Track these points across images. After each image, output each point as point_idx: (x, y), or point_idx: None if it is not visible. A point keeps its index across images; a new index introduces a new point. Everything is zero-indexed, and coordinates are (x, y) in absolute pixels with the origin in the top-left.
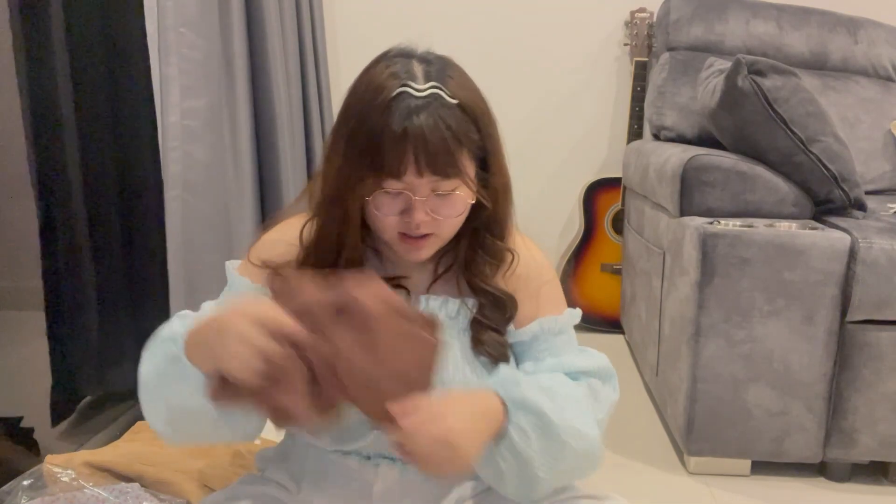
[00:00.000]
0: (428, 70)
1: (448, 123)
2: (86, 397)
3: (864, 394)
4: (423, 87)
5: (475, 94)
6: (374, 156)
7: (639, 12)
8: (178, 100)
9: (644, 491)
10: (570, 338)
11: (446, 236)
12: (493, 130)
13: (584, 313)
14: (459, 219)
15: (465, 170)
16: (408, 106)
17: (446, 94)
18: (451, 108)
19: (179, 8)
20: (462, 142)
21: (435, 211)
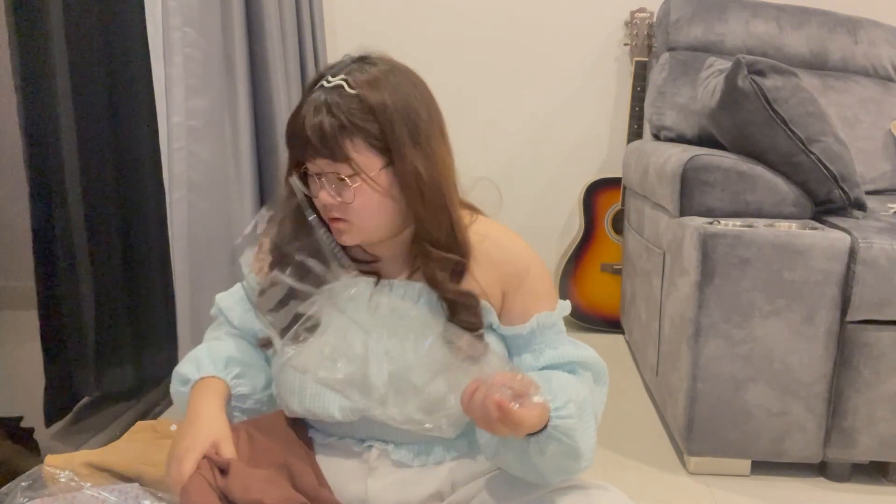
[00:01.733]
0: (352, 67)
1: (335, 111)
2: (83, 398)
3: (864, 394)
4: (332, 81)
5: (387, 92)
6: (289, 143)
7: (639, 12)
8: (182, 99)
9: (644, 491)
10: (562, 329)
11: (363, 225)
12: (399, 128)
13: (584, 313)
14: (364, 209)
15: (354, 156)
16: (315, 97)
17: (347, 87)
18: (348, 99)
19: (183, 7)
20: (349, 129)
21: (339, 195)
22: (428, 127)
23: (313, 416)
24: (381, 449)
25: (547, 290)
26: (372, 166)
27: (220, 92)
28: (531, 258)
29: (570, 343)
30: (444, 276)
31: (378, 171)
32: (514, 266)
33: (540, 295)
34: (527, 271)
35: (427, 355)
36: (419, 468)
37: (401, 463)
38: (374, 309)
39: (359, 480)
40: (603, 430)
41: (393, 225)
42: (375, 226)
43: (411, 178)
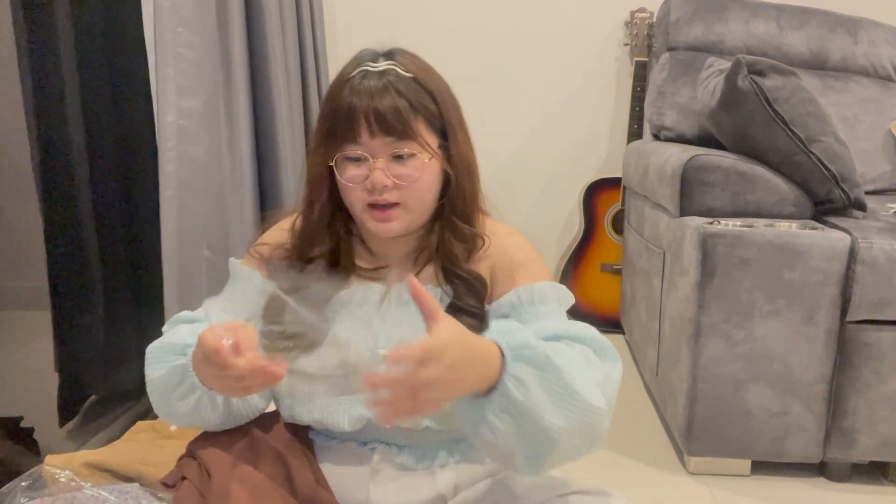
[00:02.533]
0: (387, 55)
1: (398, 88)
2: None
3: (864, 394)
4: (379, 65)
5: (432, 74)
6: (334, 125)
7: (639, 12)
8: (174, 99)
9: (644, 491)
10: (553, 309)
11: (414, 207)
12: (452, 107)
13: (584, 313)
14: (424, 187)
15: (421, 134)
16: (363, 79)
17: (401, 69)
18: (405, 80)
19: (176, 7)
20: (415, 107)
21: (396, 175)
22: (460, 111)
23: (322, 426)
24: (384, 452)
25: (535, 269)
26: (432, 145)
27: (215, 92)
28: (529, 253)
29: (560, 320)
30: (462, 252)
31: (435, 150)
32: (508, 255)
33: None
34: (515, 254)
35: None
36: (422, 471)
37: (404, 466)
38: (384, 315)
39: (361, 484)
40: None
41: (430, 212)
42: (422, 209)
43: (465, 156)
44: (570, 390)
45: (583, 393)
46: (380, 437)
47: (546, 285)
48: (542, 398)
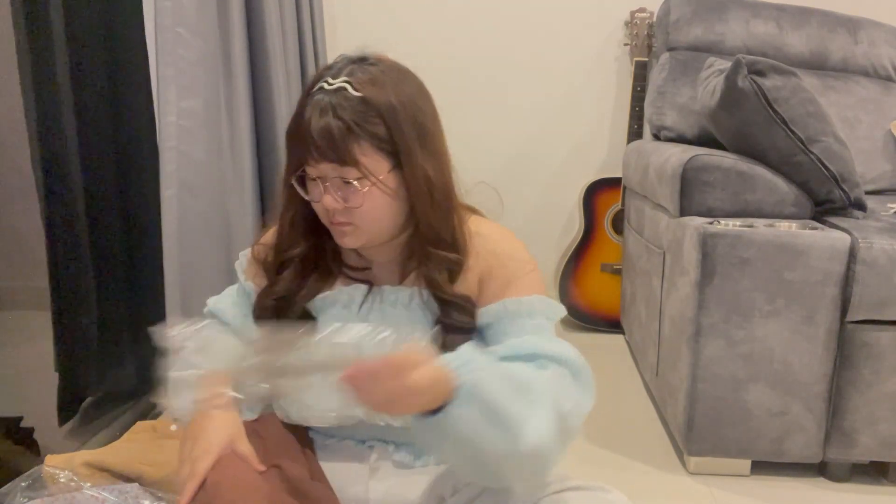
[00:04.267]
0: (352, 68)
1: (341, 114)
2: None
3: (864, 394)
4: (334, 82)
5: (392, 92)
6: (289, 144)
7: (639, 12)
8: (174, 99)
9: (644, 491)
10: (538, 324)
11: (368, 229)
12: (408, 127)
13: (584, 313)
14: (372, 213)
15: (362, 159)
16: (318, 99)
17: (351, 88)
18: (353, 101)
19: (176, 8)
20: (356, 132)
21: (345, 199)
22: (433, 126)
23: (308, 423)
24: (382, 450)
25: (528, 283)
26: (380, 169)
27: (216, 93)
28: (518, 255)
29: (542, 337)
30: (442, 277)
31: (385, 173)
32: (496, 257)
33: (517, 286)
34: (508, 263)
35: None
36: (420, 469)
37: (401, 464)
38: (366, 316)
39: (360, 481)
40: (603, 430)
41: (396, 227)
42: (380, 228)
43: (421, 179)
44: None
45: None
46: (377, 434)
47: (535, 299)
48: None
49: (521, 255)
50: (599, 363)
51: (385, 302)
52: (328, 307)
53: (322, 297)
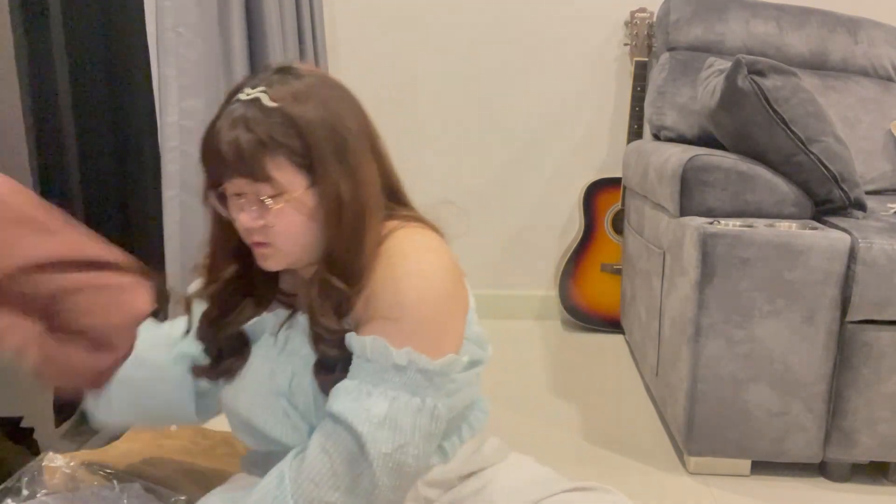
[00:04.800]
0: (273, 78)
1: (252, 126)
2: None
3: (864, 394)
4: (251, 93)
5: (312, 106)
6: (202, 160)
7: (639, 12)
8: (176, 99)
9: (644, 491)
10: (376, 371)
11: (286, 249)
12: (324, 144)
13: (584, 313)
14: (288, 232)
15: (276, 175)
16: (231, 109)
17: (267, 99)
18: (267, 113)
19: (178, 8)
20: (269, 145)
21: (262, 218)
22: (356, 143)
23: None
24: None
25: (400, 329)
26: (296, 185)
27: (217, 92)
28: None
29: (355, 390)
30: (325, 307)
31: (303, 190)
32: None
33: (385, 324)
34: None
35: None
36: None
37: None
38: (282, 344)
39: None
40: (603, 430)
41: (320, 248)
42: (300, 250)
43: (332, 198)
44: None
45: None
46: None
47: (370, 342)
48: None
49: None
50: (599, 363)
51: (297, 328)
52: (258, 333)
53: (254, 321)
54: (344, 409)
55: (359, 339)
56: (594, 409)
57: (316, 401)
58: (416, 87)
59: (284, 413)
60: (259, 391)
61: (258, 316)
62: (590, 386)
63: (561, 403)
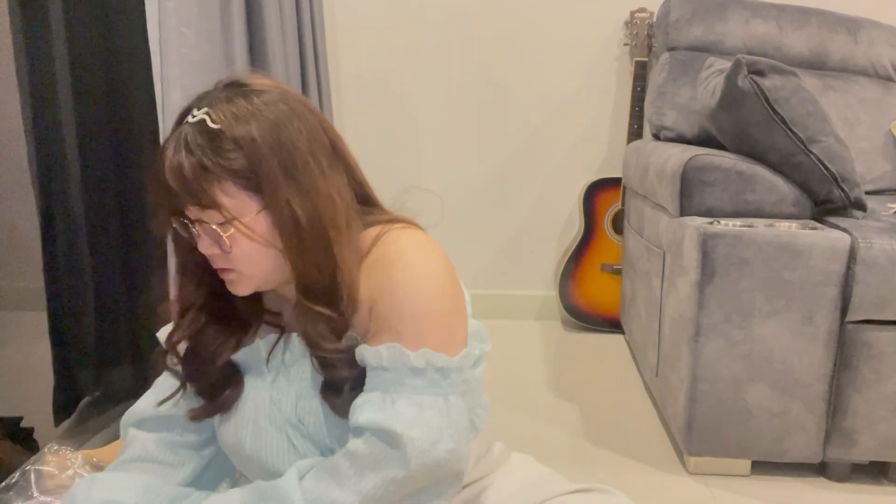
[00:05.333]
0: (219, 97)
1: (194, 150)
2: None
3: (864, 394)
4: (195, 115)
5: (255, 123)
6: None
7: (639, 12)
8: (179, 100)
9: (644, 491)
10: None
11: (249, 273)
12: (268, 163)
13: (584, 313)
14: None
15: (224, 200)
16: (177, 133)
17: (210, 121)
18: (210, 136)
19: (181, 8)
20: (213, 169)
21: (217, 245)
22: (307, 159)
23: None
24: None
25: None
26: (247, 210)
27: None
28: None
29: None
30: (319, 332)
31: (255, 214)
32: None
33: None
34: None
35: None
36: None
37: None
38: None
39: None
40: (603, 430)
41: (285, 270)
42: (264, 274)
43: (287, 220)
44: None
45: None
46: None
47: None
48: None
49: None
50: (599, 363)
51: (292, 352)
52: (251, 362)
53: (242, 351)
54: (374, 418)
55: (373, 350)
56: (594, 409)
57: (327, 420)
58: (416, 86)
59: (290, 443)
60: (260, 423)
61: (245, 343)
62: (590, 386)
63: (561, 403)
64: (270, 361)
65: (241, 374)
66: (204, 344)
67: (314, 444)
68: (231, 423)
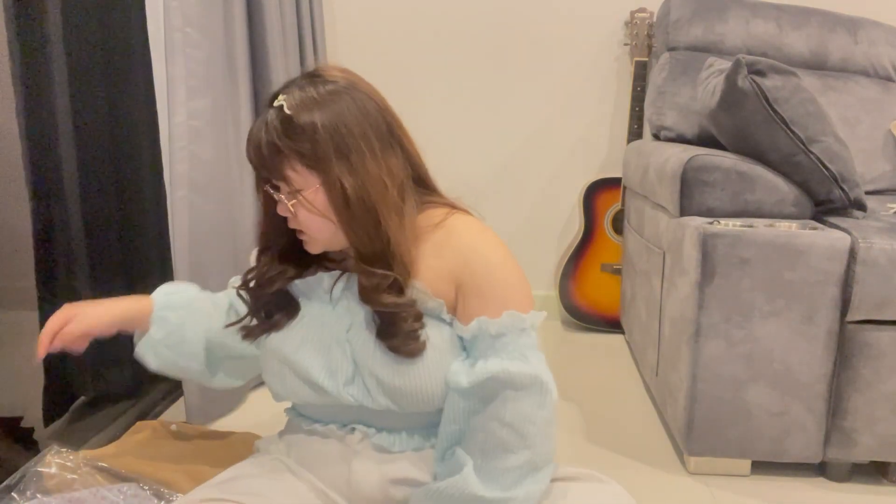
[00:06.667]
0: (296, 85)
1: (270, 131)
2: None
3: (864, 394)
4: (278, 100)
5: (318, 112)
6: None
7: (639, 12)
8: (184, 99)
9: (644, 491)
10: (510, 340)
11: (318, 237)
12: (324, 146)
13: (584, 313)
14: (309, 224)
15: (292, 175)
16: (263, 116)
17: (286, 107)
18: (283, 120)
19: (184, 8)
20: (281, 149)
21: (288, 211)
22: (359, 143)
23: (296, 398)
24: (364, 432)
25: (503, 295)
26: (309, 185)
27: (222, 92)
28: (494, 260)
29: (506, 356)
30: (374, 292)
31: (315, 189)
32: (468, 264)
33: (492, 300)
34: (482, 273)
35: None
36: (399, 453)
37: (381, 447)
38: (335, 301)
39: (342, 462)
40: (603, 430)
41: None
42: (328, 238)
43: (338, 195)
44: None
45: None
46: (360, 418)
47: (506, 319)
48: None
49: (501, 268)
50: (599, 363)
51: (350, 288)
52: (310, 290)
53: (303, 281)
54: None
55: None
56: (594, 409)
57: (375, 352)
58: (416, 86)
59: (329, 355)
60: (309, 336)
61: (301, 276)
62: (590, 386)
63: (561, 403)
64: (333, 291)
65: (296, 303)
66: (265, 273)
67: (355, 364)
68: (282, 332)
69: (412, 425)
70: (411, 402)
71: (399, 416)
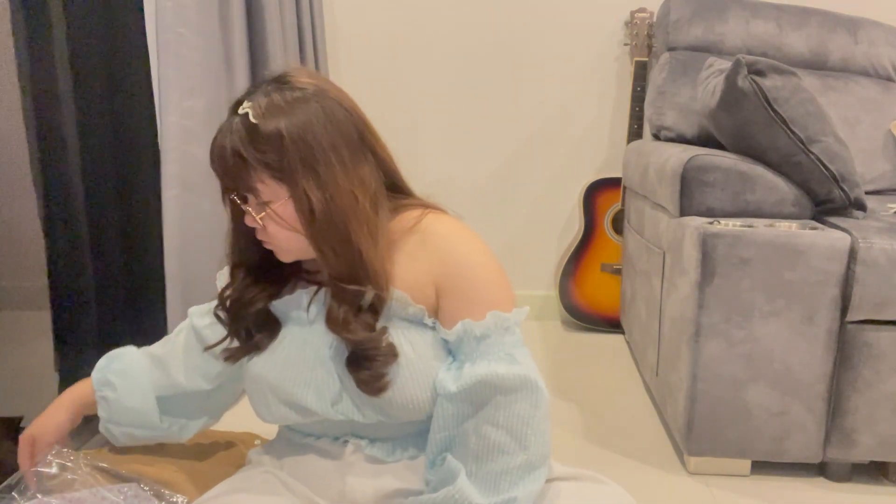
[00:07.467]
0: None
1: (234, 140)
2: None
3: (864, 394)
4: (243, 107)
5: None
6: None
7: (639, 12)
8: (177, 100)
9: (644, 491)
10: (495, 341)
11: (286, 248)
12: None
13: (584, 313)
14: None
15: (259, 187)
16: (226, 123)
17: (250, 115)
18: (248, 129)
19: (178, 8)
20: (246, 159)
21: (264, 222)
22: (327, 154)
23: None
24: (356, 444)
25: (484, 296)
26: (277, 197)
27: (218, 92)
28: (473, 260)
29: (493, 357)
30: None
31: (284, 200)
32: (446, 265)
33: (474, 301)
34: (462, 274)
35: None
36: (393, 464)
37: (375, 458)
38: (314, 318)
39: (336, 475)
40: (603, 430)
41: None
42: (297, 250)
43: (305, 208)
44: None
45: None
46: (352, 431)
47: (490, 319)
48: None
49: (482, 268)
50: (599, 363)
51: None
52: (289, 310)
53: (282, 300)
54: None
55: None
56: (594, 409)
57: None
58: (416, 86)
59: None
60: (291, 357)
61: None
62: (590, 386)
63: (561, 403)
64: (310, 310)
65: (276, 322)
66: (243, 292)
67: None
68: (263, 355)
69: (405, 434)
70: (401, 412)
71: (391, 426)
